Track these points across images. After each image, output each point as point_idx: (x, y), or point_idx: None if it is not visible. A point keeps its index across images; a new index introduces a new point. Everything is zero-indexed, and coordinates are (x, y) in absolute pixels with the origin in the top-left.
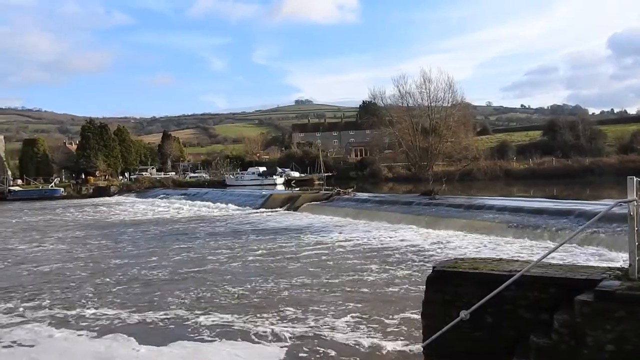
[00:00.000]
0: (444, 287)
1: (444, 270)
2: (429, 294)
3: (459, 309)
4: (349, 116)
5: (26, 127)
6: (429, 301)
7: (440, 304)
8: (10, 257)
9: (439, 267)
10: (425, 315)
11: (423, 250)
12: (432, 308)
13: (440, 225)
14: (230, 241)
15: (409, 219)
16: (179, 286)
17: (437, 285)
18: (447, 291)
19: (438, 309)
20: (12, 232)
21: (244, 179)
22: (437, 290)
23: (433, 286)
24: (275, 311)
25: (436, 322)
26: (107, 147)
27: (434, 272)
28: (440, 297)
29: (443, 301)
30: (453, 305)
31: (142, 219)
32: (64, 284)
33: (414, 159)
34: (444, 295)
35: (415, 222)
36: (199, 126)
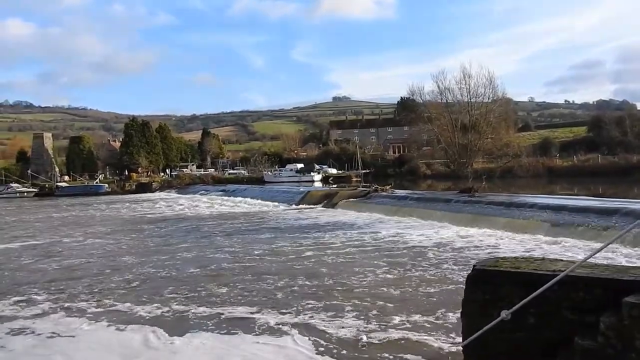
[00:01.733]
0: (485, 286)
1: (485, 269)
2: (469, 293)
3: (499, 309)
4: (386, 113)
5: (72, 125)
6: (469, 300)
7: (481, 303)
8: (56, 250)
9: (480, 265)
10: (464, 314)
11: (462, 249)
12: (472, 307)
13: (480, 223)
14: (270, 236)
15: (448, 216)
16: (225, 281)
17: (478, 284)
18: (487, 290)
19: (478, 308)
20: (58, 225)
21: (282, 176)
22: (477, 289)
23: (473, 285)
24: (311, 306)
25: (476, 321)
26: (149, 144)
27: (474, 270)
28: (481, 296)
29: (483, 301)
30: (494, 304)
31: (183, 215)
32: (107, 277)
33: (453, 155)
34: (485, 295)
35: (454, 220)
36: (238, 123)
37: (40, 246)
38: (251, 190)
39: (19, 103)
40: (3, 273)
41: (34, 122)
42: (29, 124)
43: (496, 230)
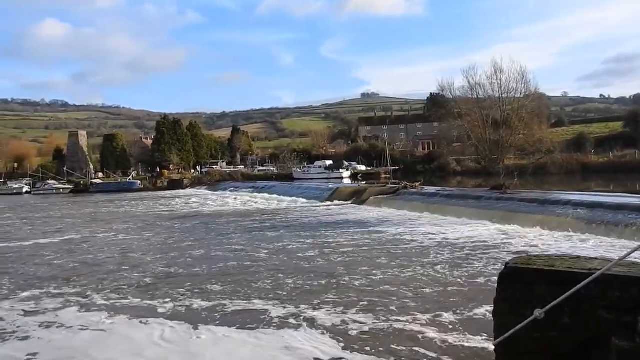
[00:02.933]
0: (517, 284)
1: (517, 267)
2: (501, 291)
3: (532, 308)
4: (416, 109)
5: (106, 123)
6: (501, 299)
7: (513, 301)
8: (88, 245)
9: (512, 263)
10: (496, 313)
11: (494, 246)
12: (504, 306)
13: (512, 220)
14: (298, 233)
15: (479, 214)
16: (255, 277)
17: (510, 282)
18: (520, 289)
19: (510, 307)
20: (92, 221)
21: (311, 173)
22: (510, 287)
23: (505, 283)
24: (340, 302)
25: (508, 320)
26: (180, 141)
27: (506, 268)
28: (513, 294)
29: (516, 299)
30: (526, 303)
31: (214, 212)
32: (140, 273)
33: (484, 152)
34: (517, 293)
35: (486, 217)
36: (267, 120)
37: (74, 241)
38: (280, 187)
39: (55, 102)
40: (31, 267)
41: (69, 121)
42: (64, 122)
43: (529, 228)
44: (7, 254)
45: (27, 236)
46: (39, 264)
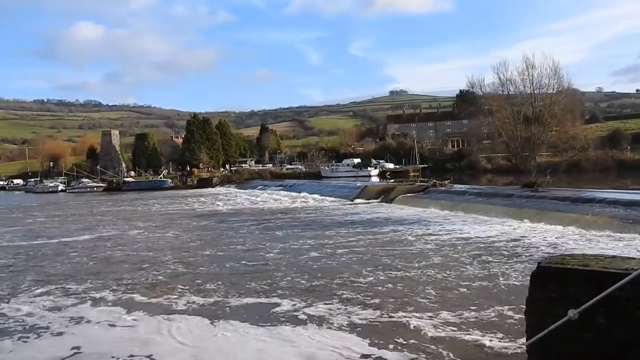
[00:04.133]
0: (550, 284)
1: (550, 267)
2: (534, 291)
3: (566, 308)
4: (445, 106)
5: (137, 122)
6: (534, 299)
7: (546, 302)
8: (120, 242)
9: (545, 262)
10: (529, 313)
11: (525, 245)
12: (537, 306)
13: (544, 219)
14: (327, 232)
15: (510, 212)
16: (285, 274)
17: (543, 282)
18: (553, 288)
19: (543, 307)
20: (124, 219)
21: (339, 171)
22: (543, 287)
23: (538, 283)
24: (372, 302)
25: (541, 320)
26: (210, 140)
27: (539, 268)
28: (546, 294)
29: (549, 299)
30: (560, 303)
31: (243, 210)
32: (175, 271)
33: (515, 149)
34: (550, 293)
35: (517, 216)
36: (295, 119)
37: (104, 238)
38: (309, 185)
39: (89, 102)
40: (56, 264)
41: (102, 120)
42: (98, 122)
43: (562, 227)
44: (36, 251)
45: (58, 233)
46: (64, 261)
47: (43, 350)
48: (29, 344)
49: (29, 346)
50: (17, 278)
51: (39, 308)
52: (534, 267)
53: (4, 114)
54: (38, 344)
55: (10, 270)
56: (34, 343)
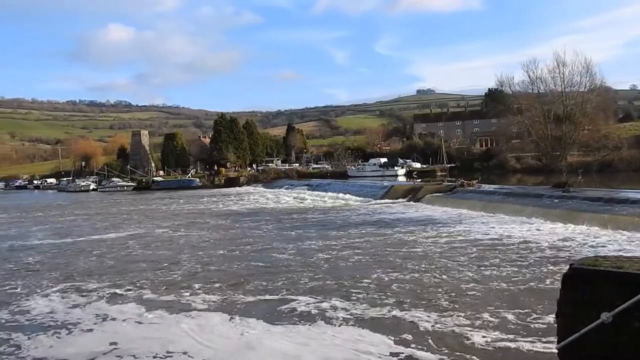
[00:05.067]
0: (583, 286)
1: (583, 268)
2: (565, 293)
3: (599, 311)
4: (473, 105)
5: (166, 122)
6: (565, 301)
7: (578, 304)
8: (149, 241)
9: (577, 264)
10: (560, 316)
11: (556, 247)
12: (569, 308)
13: (576, 220)
14: (354, 231)
15: (540, 212)
16: (310, 273)
17: (575, 284)
18: (585, 291)
19: (575, 309)
20: (153, 218)
21: (366, 170)
22: (575, 289)
23: (570, 285)
24: (398, 302)
25: (573, 323)
26: (237, 139)
27: (571, 269)
28: (578, 297)
29: (581, 301)
30: (592, 306)
31: (270, 209)
32: (209, 271)
33: (545, 148)
34: (582, 295)
35: (547, 216)
36: (321, 118)
37: (132, 237)
38: (335, 184)
39: (119, 103)
40: (81, 262)
41: (132, 121)
42: (128, 122)
43: (594, 228)
44: (64, 249)
45: (87, 232)
46: (89, 259)
47: (81, 345)
48: (63, 340)
49: (64, 342)
50: (44, 275)
51: (64, 305)
52: (566, 268)
53: (38, 115)
54: (73, 340)
55: (37, 268)
56: (68, 339)
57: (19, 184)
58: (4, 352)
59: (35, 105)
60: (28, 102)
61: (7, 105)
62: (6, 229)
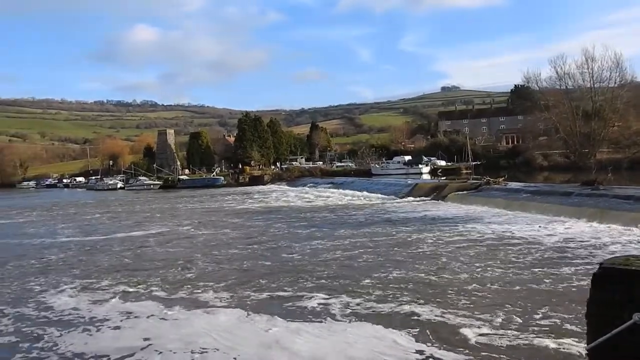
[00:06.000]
0: (613, 286)
1: (614, 268)
2: (595, 293)
3: (631, 311)
4: (499, 102)
5: (192, 121)
6: (595, 301)
7: (608, 304)
8: (171, 239)
9: (608, 263)
10: (589, 316)
11: (585, 245)
12: (599, 309)
13: (606, 218)
14: (378, 229)
15: (568, 211)
16: (334, 271)
17: (605, 283)
18: (616, 291)
19: (605, 310)
20: (179, 216)
21: (389, 168)
22: (605, 289)
23: (600, 285)
24: (425, 302)
25: (602, 324)
26: (261, 138)
27: (601, 269)
28: (608, 297)
29: (612, 302)
30: (623, 306)
31: (295, 207)
32: (235, 269)
33: (574, 145)
34: (613, 295)
35: (576, 215)
36: (345, 116)
37: (156, 234)
38: (359, 182)
39: (146, 102)
40: (104, 259)
41: (158, 120)
42: (154, 121)
43: (624, 226)
44: (89, 246)
45: (112, 229)
46: (111, 256)
47: (115, 341)
48: (95, 336)
49: (97, 338)
50: (68, 272)
51: (88, 301)
52: (595, 268)
53: (67, 115)
54: (104, 336)
55: (62, 264)
56: (100, 335)
57: (49, 182)
58: (43, 348)
59: (64, 106)
60: (57, 102)
61: (37, 106)
62: (36, 227)
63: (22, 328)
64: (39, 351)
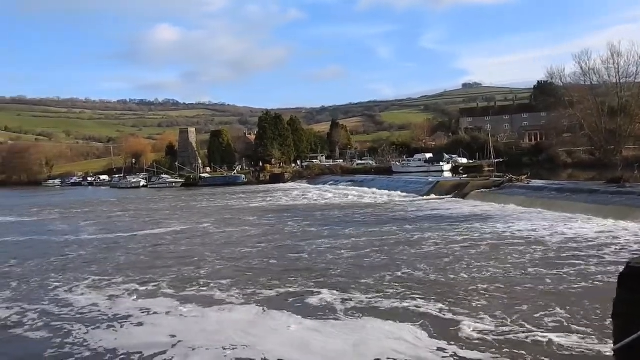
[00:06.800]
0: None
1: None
2: (622, 293)
3: None
4: (521, 98)
5: (212, 120)
6: (622, 301)
7: (636, 304)
8: (190, 237)
9: (635, 262)
10: (616, 316)
11: (611, 244)
12: (626, 308)
13: (632, 216)
14: (399, 227)
15: (594, 209)
16: (355, 270)
17: (632, 283)
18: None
19: (632, 309)
20: (197, 213)
21: (410, 166)
22: (632, 288)
23: (627, 284)
24: (454, 302)
25: (630, 324)
26: (282, 136)
27: (627, 268)
28: (636, 296)
29: (639, 301)
30: None
31: (315, 205)
32: (255, 267)
33: (599, 142)
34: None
35: (601, 213)
36: (365, 114)
37: (174, 232)
38: (379, 180)
39: (168, 101)
40: (126, 257)
41: (180, 119)
42: (175, 120)
43: None
44: (109, 243)
45: (132, 227)
46: (130, 254)
47: (143, 337)
48: (121, 332)
49: (123, 334)
50: (87, 269)
51: (108, 298)
52: (622, 267)
53: (91, 115)
54: (129, 333)
55: (81, 262)
56: (125, 331)
57: (74, 180)
58: (75, 343)
59: (88, 105)
60: (82, 101)
61: (62, 105)
62: (59, 224)
63: (50, 323)
64: (71, 346)
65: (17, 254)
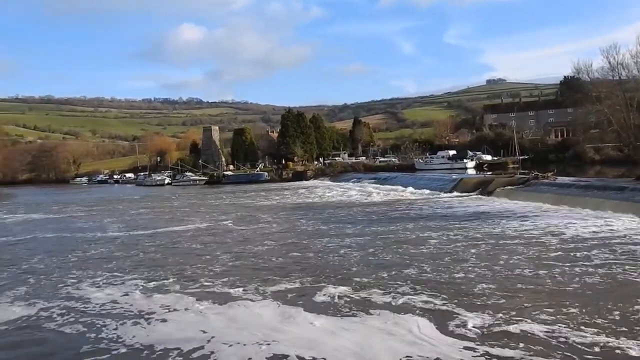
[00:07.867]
0: None
1: None
2: None
3: None
4: (547, 94)
5: (235, 118)
6: None
7: None
8: (211, 234)
9: None
10: None
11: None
12: None
13: None
14: (422, 224)
15: (622, 206)
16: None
17: None
18: None
19: None
20: (220, 211)
21: (433, 163)
22: None
23: None
24: (478, 302)
25: None
26: (304, 134)
27: None
28: None
29: None
30: None
31: (340, 202)
32: (277, 265)
33: (628, 138)
34: None
35: (631, 210)
36: (388, 111)
37: (195, 230)
38: (402, 178)
39: (191, 100)
40: (145, 254)
41: (203, 117)
42: (199, 118)
43: None
44: (132, 240)
45: (155, 225)
46: (150, 250)
47: (174, 333)
48: (149, 329)
49: (153, 330)
50: (109, 266)
51: (128, 294)
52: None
53: (117, 113)
54: (158, 329)
55: (105, 259)
56: (154, 328)
57: (101, 178)
58: (110, 339)
59: (113, 104)
60: (107, 101)
61: (89, 105)
62: (85, 222)
63: (79, 319)
64: (108, 342)
65: (42, 249)
